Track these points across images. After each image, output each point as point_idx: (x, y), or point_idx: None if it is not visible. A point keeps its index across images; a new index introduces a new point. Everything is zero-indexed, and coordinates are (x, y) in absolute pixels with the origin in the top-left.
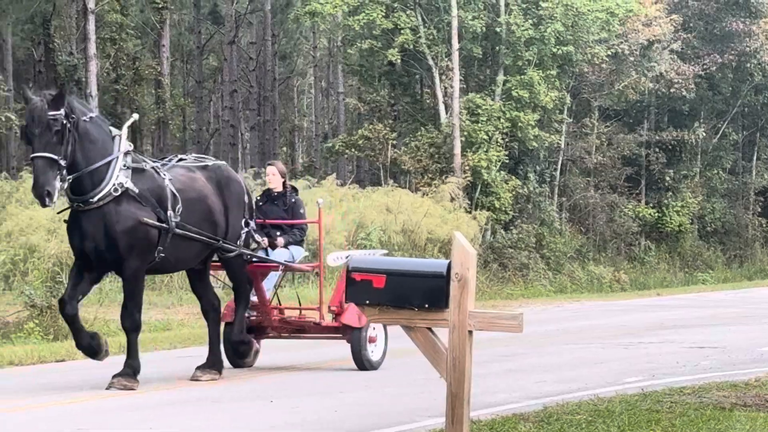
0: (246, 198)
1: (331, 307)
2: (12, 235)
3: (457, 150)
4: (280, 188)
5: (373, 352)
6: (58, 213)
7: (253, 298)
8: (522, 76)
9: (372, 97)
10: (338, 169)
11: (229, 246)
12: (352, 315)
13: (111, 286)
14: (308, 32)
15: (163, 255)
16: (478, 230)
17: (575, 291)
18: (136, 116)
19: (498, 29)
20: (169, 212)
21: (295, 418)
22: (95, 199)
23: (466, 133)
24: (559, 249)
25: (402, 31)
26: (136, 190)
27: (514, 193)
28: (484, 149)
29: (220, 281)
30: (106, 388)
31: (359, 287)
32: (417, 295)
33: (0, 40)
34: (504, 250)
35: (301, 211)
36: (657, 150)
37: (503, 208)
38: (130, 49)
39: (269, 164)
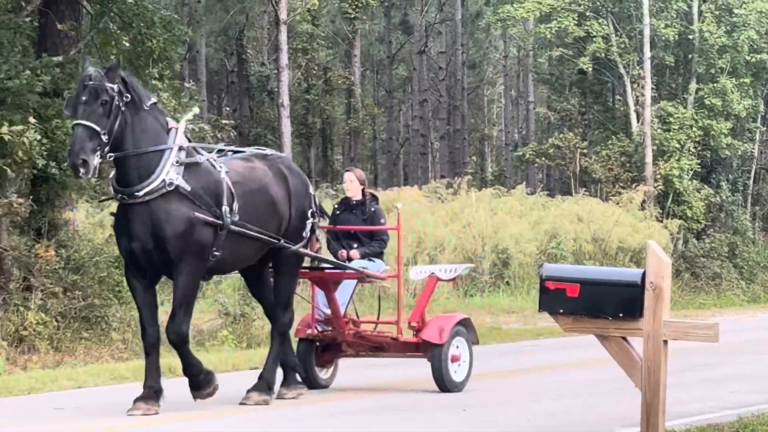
0: (310, 189)
1: (411, 323)
2: None
3: (649, 159)
4: (358, 196)
5: (456, 372)
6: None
7: (326, 310)
8: (714, 84)
9: (562, 106)
10: (528, 177)
11: (290, 245)
12: (433, 331)
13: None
14: (498, 41)
15: (218, 254)
16: (670, 239)
17: None
18: (196, 110)
19: (690, 37)
20: (224, 208)
21: (487, 428)
22: (141, 193)
23: (657, 142)
24: (752, 258)
25: (594, 39)
26: (188, 188)
27: (706, 201)
28: (676, 158)
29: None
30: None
31: (552, 296)
32: (611, 304)
33: (194, 51)
34: (696, 259)
35: (382, 220)
36: None
37: (695, 217)
38: (322, 59)
39: (347, 170)
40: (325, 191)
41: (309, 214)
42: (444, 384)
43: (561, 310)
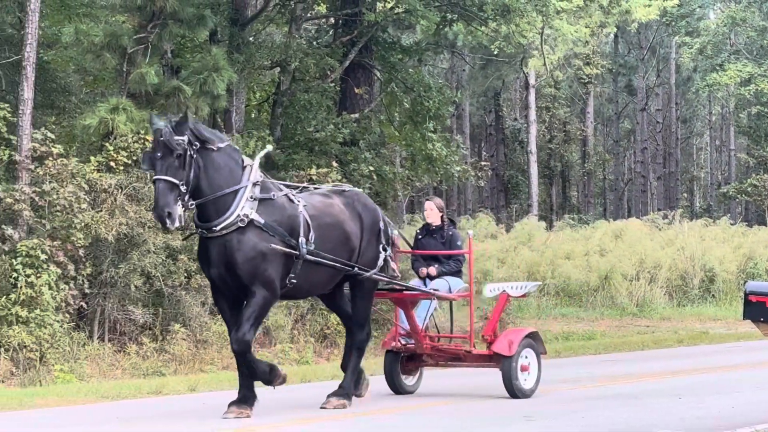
0: (381, 224)
1: (484, 336)
2: None
3: None
4: (437, 222)
5: (526, 380)
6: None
7: (407, 326)
8: None
9: (759, 153)
10: (730, 211)
11: (364, 271)
12: (503, 344)
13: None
14: (705, 101)
15: (294, 281)
16: None
17: None
18: (270, 148)
19: None
20: (301, 239)
21: (700, 413)
22: (218, 228)
23: None
24: None
25: None
26: (262, 221)
27: None
28: None
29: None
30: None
31: (755, 307)
32: None
33: (460, 109)
34: None
35: (459, 243)
36: None
37: None
38: (562, 116)
39: (427, 199)
40: (566, 222)
41: (381, 248)
42: (513, 391)
43: (762, 319)
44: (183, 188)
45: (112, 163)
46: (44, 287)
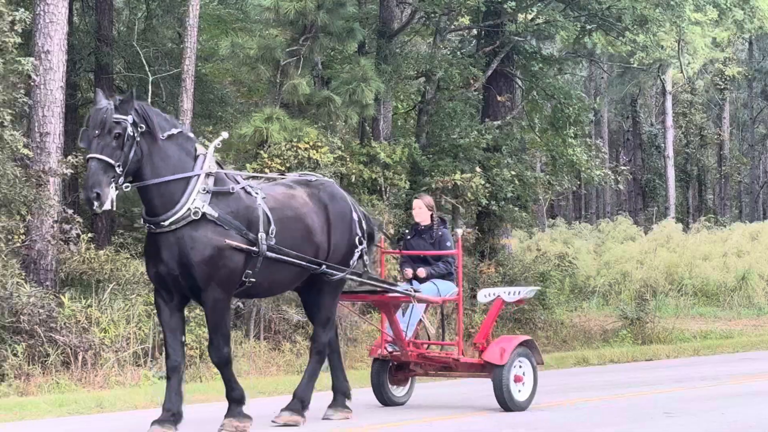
0: (354, 215)
1: (476, 343)
2: (609, 263)
3: None
4: (427, 221)
5: (521, 391)
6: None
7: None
8: None
9: None
10: None
11: (333, 270)
12: (494, 352)
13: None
14: None
15: (254, 279)
16: None
17: None
18: (225, 135)
19: None
20: (261, 234)
21: None
22: (167, 222)
23: None
24: None
25: None
26: (215, 214)
27: None
28: None
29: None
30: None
31: None
32: None
33: (599, 115)
34: None
35: (448, 243)
36: None
37: None
38: (698, 121)
39: (415, 197)
40: (703, 224)
41: (356, 241)
42: (506, 403)
43: None
44: (119, 170)
45: (267, 170)
46: None
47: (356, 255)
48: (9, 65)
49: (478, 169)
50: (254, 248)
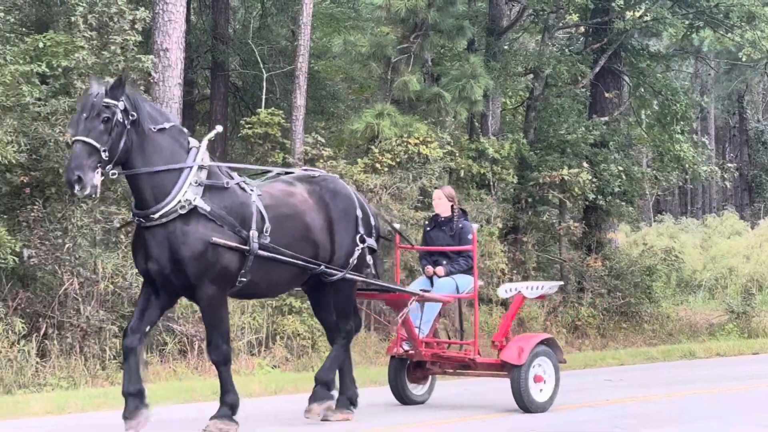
0: (358, 212)
1: (494, 342)
2: (715, 258)
3: None
4: (447, 213)
5: (542, 391)
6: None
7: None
8: None
9: None
10: None
11: (332, 270)
12: (512, 351)
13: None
14: None
15: (247, 279)
16: None
17: None
18: (219, 128)
19: None
20: (253, 232)
21: None
22: (157, 215)
23: None
24: None
25: None
26: (208, 208)
27: None
28: None
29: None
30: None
31: None
32: None
33: (705, 111)
34: None
35: (470, 236)
36: None
37: None
38: None
39: (435, 188)
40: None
41: (357, 240)
42: (524, 404)
43: None
44: (105, 155)
45: (377, 165)
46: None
47: (356, 254)
48: (130, 62)
49: (585, 164)
50: (246, 247)
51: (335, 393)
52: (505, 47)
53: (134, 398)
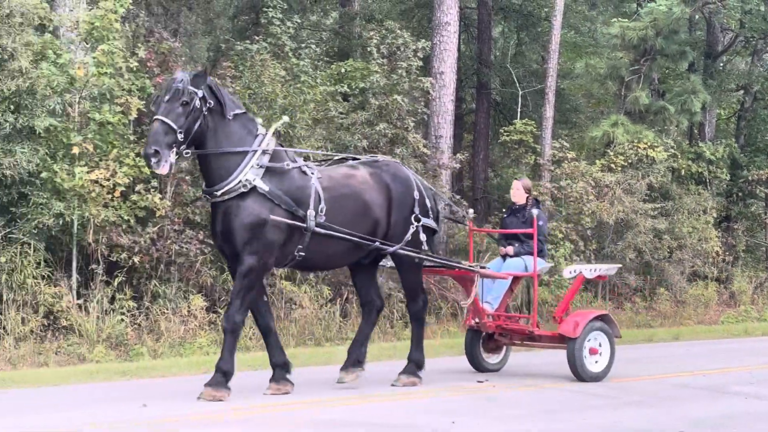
0: (415, 194)
1: (555, 316)
2: None
3: None
4: (522, 201)
5: (597, 362)
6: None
7: (487, 305)
8: None
9: None
10: None
11: (386, 244)
12: (568, 325)
13: None
14: None
15: (303, 254)
16: None
17: None
18: (286, 119)
19: None
20: (310, 211)
21: None
22: (219, 192)
23: None
24: None
25: None
26: (266, 188)
27: None
28: None
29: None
30: (198, 398)
31: None
32: None
33: None
34: None
35: (540, 223)
36: None
37: None
38: None
39: (515, 179)
40: None
41: (412, 219)
42: (579, 374)
43: None
44: (180, 136)
45: (612, 165)
46: (560, 258)
47: (410, 231)
48: (413, 83)
49: None
50: (303, 224)
51: (422, 373)
52: (720, 68)
53: (276, 367)
